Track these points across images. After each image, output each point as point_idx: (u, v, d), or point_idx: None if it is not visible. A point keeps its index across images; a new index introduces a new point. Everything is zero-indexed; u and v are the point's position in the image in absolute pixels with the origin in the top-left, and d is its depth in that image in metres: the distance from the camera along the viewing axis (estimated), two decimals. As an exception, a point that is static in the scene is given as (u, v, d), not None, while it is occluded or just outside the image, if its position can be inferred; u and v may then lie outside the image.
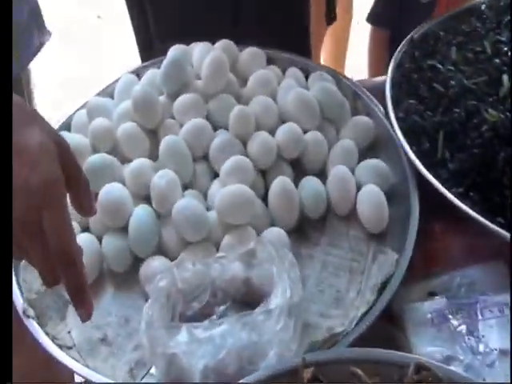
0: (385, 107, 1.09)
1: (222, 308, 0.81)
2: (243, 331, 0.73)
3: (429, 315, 0.83)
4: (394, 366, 0.71)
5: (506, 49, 1.11)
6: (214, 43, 1.17)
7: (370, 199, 0.97)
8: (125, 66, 1.19)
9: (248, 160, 0.98)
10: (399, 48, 1.19)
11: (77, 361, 0.81)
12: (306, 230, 0.97)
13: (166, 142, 0.99)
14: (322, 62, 2.24)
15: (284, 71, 1.18)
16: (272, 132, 1.04)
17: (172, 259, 0.86)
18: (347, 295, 0.86)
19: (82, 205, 0.69)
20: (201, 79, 1.10)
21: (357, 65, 2.27)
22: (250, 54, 1.18)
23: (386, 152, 1.06)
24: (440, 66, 1.14)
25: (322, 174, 1.03)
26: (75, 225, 0.90)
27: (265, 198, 0.98)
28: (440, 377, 0.68)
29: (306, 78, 1.16)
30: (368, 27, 1.94)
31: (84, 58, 3.02)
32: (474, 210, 0.90)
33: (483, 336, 0.80)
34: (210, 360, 0.71)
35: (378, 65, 1.91)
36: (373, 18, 1.90)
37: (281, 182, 0.97)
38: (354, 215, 0.97)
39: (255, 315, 0.74)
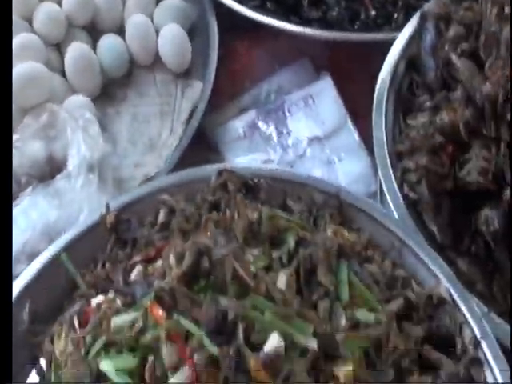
0: None
1: (27, 191, 0.77)
2: (45, 202, 0.71)
3: (240, 130, 0.83)
4: (200, 181, 0.70)
5: None
6: None
7: (172, 40, 0.93)
8: None
9: (35, 37, 0.92)
10: None
11: None
12: (112, 90, 0.93)
13: None
14: None
15: None
16: (59, 2, 0.98)
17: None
18: (160, 139, 0.85)
19: None
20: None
21: None
22: None
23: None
24: None
25: (122, 31, 0.98)
26: None
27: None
28: (241, 173, 0.68)
29: None
30: None
31: None
32: (271, 17, 0.89)
33: (291, 131, 0.81)
34: (17, 245, 0.69)
35: None
36: None
37: (75, 50, 0.92)
38: (159, 60, 0.94)
39: (54, 182, 0.72)
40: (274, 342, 0.44)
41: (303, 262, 0.53)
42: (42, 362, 0.63)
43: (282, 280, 0.50)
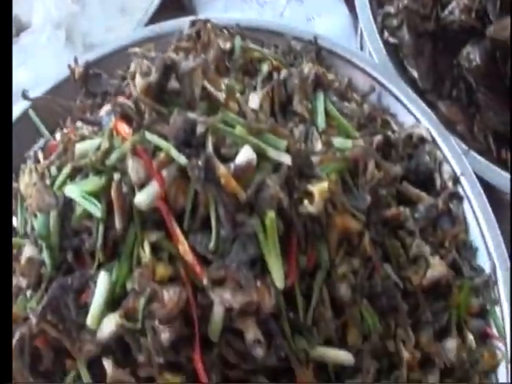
0: None
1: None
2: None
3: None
4: (173, 35, 0.66)
5: None
6: None
7: None
8: None
9: None
10: None
11: None
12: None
13: None
14: None
15: None
16: None
17: None
18: (131, 1, 0.80)
19: None
20: None
21: None
22: None
23: None
24: None
25: None
26: None
27: None
28: (218, 25, 0.64)
29: None
30: None
31: None
32: None
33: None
34: None
35: None
36: None
37: None
38: None
39: (19, 40, 0.69)
40: (245, 153, 0.42)
41: (277, 87, 0.50)
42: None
43: (254, 100, 0.48)
